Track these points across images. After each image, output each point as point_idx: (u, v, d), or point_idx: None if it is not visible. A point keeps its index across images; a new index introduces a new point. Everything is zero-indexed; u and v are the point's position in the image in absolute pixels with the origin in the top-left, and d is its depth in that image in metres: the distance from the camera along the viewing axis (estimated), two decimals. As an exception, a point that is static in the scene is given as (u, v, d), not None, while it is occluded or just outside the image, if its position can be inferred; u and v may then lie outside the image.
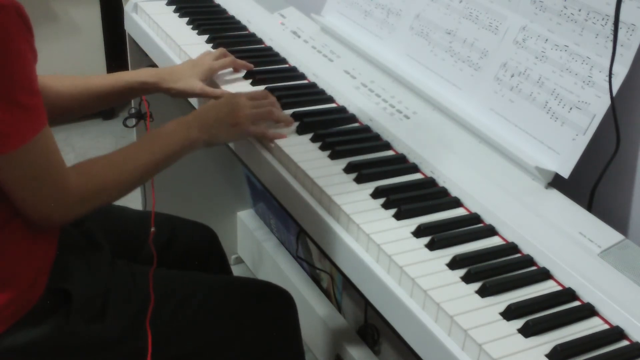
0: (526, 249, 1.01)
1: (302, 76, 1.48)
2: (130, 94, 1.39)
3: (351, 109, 1.34)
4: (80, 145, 2.94)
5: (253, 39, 1.65)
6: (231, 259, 2.25)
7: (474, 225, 1.06)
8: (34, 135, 0.96)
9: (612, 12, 1.08)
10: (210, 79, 1.41)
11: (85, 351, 1.10)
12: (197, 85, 1.36)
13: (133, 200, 1.98)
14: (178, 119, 1.18)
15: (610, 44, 1.08)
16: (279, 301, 1.31)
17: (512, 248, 1.01)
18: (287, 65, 1.52)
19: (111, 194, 1.10)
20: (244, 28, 1.70)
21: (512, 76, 1.21)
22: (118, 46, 2.80)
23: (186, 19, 1.70)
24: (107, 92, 1.34)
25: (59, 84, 1.29)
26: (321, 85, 1.42)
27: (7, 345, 1.03)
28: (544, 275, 0.97)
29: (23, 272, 1.04)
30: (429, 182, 1.14)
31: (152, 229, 1.31)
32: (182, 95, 1.39)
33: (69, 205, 1.04)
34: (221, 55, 1.43)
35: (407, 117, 1.29)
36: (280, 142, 1.21)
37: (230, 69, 1.45)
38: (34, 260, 1.06)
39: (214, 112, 1.20)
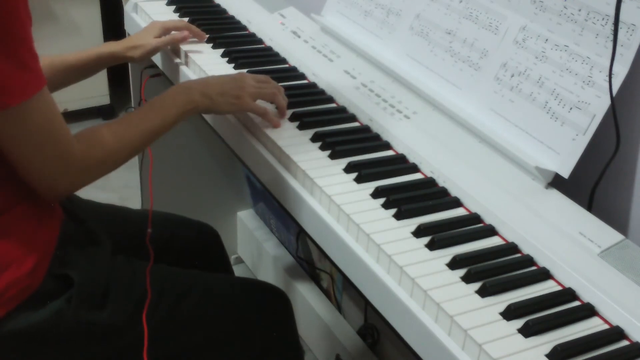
0: (526, 249, 1.01)
1: (302, 76, 1.48)
2: (102, 65, 1.51)
3: (351, 109, 1.34)
4: (80, 145, 2.93)
5: (253, 39, 1.65)
6: (231, 259, 2.24)
7: (474, 225, 1.06)
8: (34, 92, 0.95)
9: (612, 12, 1.08)
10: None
11: (85, 338, 1.10)
12: (152, 42, 1.50)
13: (133, 200, 1.98)
14: (181, 82, 1.22)
15: (610, 44, 1.08)
16: (274, 300, 1.31)
17: (512, 248, 1.01)
18: (287, 65, 1.52)
19: (114, 162, 1.11)
20: (244, 28, 1.70)
21: (512, 76, 1.21)
22: (118, 46, 2.80)
23: (186, 19, 1.70)
24: (82, 65, 1.45)
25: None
26: (321, 85, 1.42)
27: (9, 328, 1.04)
28: (544, 275, 0.97)
29: (24, 256, 1.05)
30: (429, 182, 1.14)
31: (149, 230, 1.32)
32: (146, 57, 1.53)
33: (74, 172, 1.04)
34: (177, 21, 1.59)
35: (407, 117, 1.29)
36: (280, 142, 1.21)
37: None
38: (36, 245, 1.06)
39: (218, 81, 1.24)
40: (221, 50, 1.55)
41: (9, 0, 0.91)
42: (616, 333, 0.88)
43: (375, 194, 1.09)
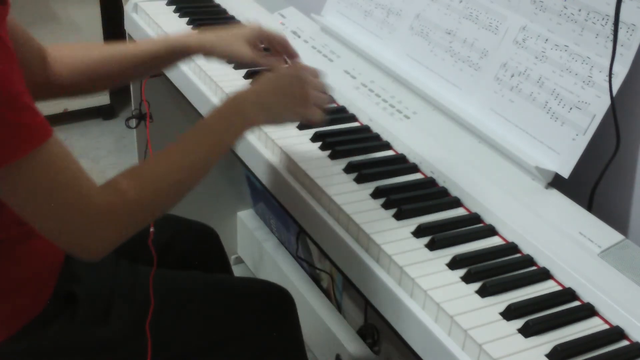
0: (526, 249, 1.01)
1: (302, 76, 1.47)
2: (170, 57, 1.23)
3: (351, 109, 1.34)
4: (80, 145, 2.94)
5: (253, 39, 1.64)
6: (231, 259, 2.25)
7: (474, 225, 1.06)
8: (24, 154, 0.83)
9: (612, 12, 1.08)
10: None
11: (89, 352, 1.10)
12: (248, 53, 1.18)
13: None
14: (232, 97, 1.01)
15: (610, 44, 1.08)
16: (278, 300, 1.31)
17: (512, 248, 1.01)
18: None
19: (146, 208, 0.95)
20: (244, 28, 1.70)
21: (512, 76, 1.21)
22: (118, 46, 2.81)
23: (186, 19, 1.70)
24: (147, 56, 1.22)
25: (88, 53, 1.19)
26: (321, 85, 1.42)
27: (14, 348, 1.03)
28: (544, 275, 0.97)
29: (33, 279, 1.04)
30: (429, 182, 1.14)
31: (151, 230, 1.31)
32: (229, 60, 1.26)
33: (102, 226, 0.91)
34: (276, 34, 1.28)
35: (407, 117, 1.29)
36: (280, 142, 1.20)
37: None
38: (44, 266, 1.06)
39: (276, 87, 1.03)
40: (221, 50, 1.54)
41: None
42: (616, 333, 0.88)
43: (375, 194, 1.09)
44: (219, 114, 1.00)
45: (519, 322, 0.88)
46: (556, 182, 1.12)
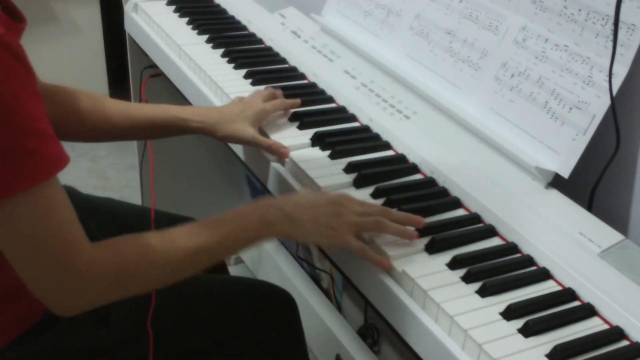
0: (526, 249, 1.01)
1: (302, 76, 1.48)
2: (168, 129, 1.26)
3: (351, 109, 1.34)
4: (80, 146, 2.93)
5: (253, 39, 1.65)
6: (231, 258, 2.25)
7: (474, 225, 1.06)
8: (31, 184, 0.79)
9: (612, 12, 1.08)
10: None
11: (90, 355, 1.09)
12: (249, 131, 1.21)
13: (133, 200, 1.98)
14: (262, 200, 1.00)
15: (610, 44, 1.08)
16: (281, 303, 1.31)
17: (512, 248, 1.01)
18: (287, 65, 1.52)
19: (142, 280, 0.93)
20: (244, 28, 1.70)
21: (512, 76, 1.21)
22: (118, 46, 2.81)
23: (186, 19, 1.70)
24: (144, 121, 1.23)
25: (100, 104, 1.22)
26: (321, 85, 1.42)
27: (14, 354, 1.03)
28: (544, 275, 0.97)
29: (25, 287, 1.04)
30: (429, 182, 1.14)
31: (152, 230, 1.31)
32: (229, 140, 1.25)
33: (85, 285, 0.87)
34: (270, 95, 1.30)
35: (407, 117, 1.29)
36: (280, 142, 1.20)
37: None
38: None
39: (312, 203, 1.00)
40: (221, 50, 1.55)
41: (6, 95, 0.77)
42: (616, 333, 0.88)
43: (376, 194, 1.09)
44: (240, 209, 0.99)
45: (519, 322, 0.88)
46: (556, 182, 1.12)
